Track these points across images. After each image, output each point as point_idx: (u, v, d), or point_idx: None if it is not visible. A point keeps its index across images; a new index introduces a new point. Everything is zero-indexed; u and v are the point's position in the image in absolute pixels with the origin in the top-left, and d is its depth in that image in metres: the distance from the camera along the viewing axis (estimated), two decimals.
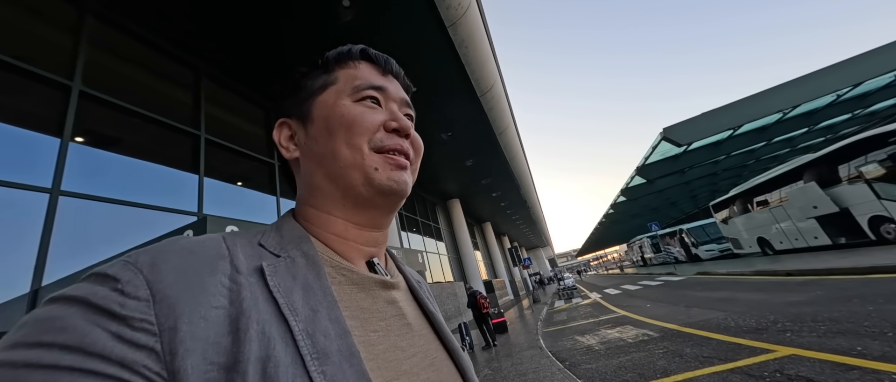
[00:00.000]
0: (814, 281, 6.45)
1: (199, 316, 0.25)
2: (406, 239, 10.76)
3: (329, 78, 0.41)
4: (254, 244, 0.33)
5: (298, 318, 0.28)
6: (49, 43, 3.71)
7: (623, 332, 5.78)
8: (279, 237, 0.35)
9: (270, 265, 0.31)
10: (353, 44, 0.46)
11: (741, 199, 12.67)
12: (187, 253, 0.28)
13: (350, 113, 0.39)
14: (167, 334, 0.24)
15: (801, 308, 4.70)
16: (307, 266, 0.32)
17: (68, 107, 3.56)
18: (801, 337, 3.52)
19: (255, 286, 0.29)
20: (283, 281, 0.30)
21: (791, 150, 16.24)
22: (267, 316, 0.27)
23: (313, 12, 4.90)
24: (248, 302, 0.27)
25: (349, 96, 0.40)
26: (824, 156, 8.56)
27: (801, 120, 12.43)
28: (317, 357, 0.26)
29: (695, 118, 10.75)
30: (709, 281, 10.18)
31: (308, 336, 0.27)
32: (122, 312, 0.23)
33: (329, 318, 0.29)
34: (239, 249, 0.31)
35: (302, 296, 0.30)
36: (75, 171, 3.47)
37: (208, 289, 0.26)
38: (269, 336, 0.26)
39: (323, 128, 0.39)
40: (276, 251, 0.33)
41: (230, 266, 0.29)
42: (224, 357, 0.24)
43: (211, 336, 0.25)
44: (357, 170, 0.37)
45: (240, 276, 0.28)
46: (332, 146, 0.38)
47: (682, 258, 20.32)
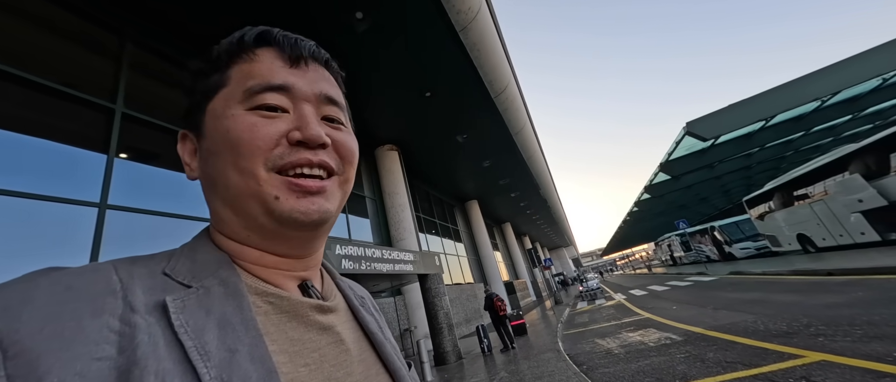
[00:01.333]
0: (857, 281, 6.01)
1: (73, 372, 0.20)
2: (424, 241, 10.91)
3: (221, 78, 0.33)
4: (156, 273, 0.28)
5: (211, 363, 0.23)
6: (94, 70, 4.12)
7: (645, 335, 5.63)
8: (191, 263, 0.29)
9: (177, 300, 0.26)
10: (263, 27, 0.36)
11: (779, 194, 11.89)
12: (61, 290, 0.23)
13: (236, 127, 0.30)
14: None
15: (838, 310, 4.42)
16: (225, 296, 0.28)
17: (112, 127, 3.94)
18: (834, 342, 3.33)
19: (155, 327, 0.24)
20: (192, 318, 0.25)
21: (834, 139, 15.08)
22: (169, 365, 0.22)
23: (330, 26, 5.14)
24: (144, 348, 0.22)
25: (241, 103, 0.31)
26: (870, 145, 7.92)
27: (843, 106, 11.53)
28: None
29: (720, 111, 10.24)
30: (742, 281, 9.67)
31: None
32: None
33: (251, 358, 0.25)
34: (136, 281, 0.26)
35: (217, 335, 0.25)
36: (121, 186, 3.84)
37: (89, 336, 0.21)
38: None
39: (212, 148, 0.32)
40: (186, 281, 0.28)
41: (122, 303, 0.24)
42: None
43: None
44: (253, 198, 0.30)
45: (135, 316, 0.23)
46: (221, 169, 0.31)
47: (714, 257, 19.29)
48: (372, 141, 8.71)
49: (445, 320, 6.63)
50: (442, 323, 6.59)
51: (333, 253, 4.40)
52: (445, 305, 6.73)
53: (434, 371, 6.11)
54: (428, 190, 12.78)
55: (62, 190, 3.36)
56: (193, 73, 0.35)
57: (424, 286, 6.78)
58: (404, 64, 6.31)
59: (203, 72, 0.34)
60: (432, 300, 6.67)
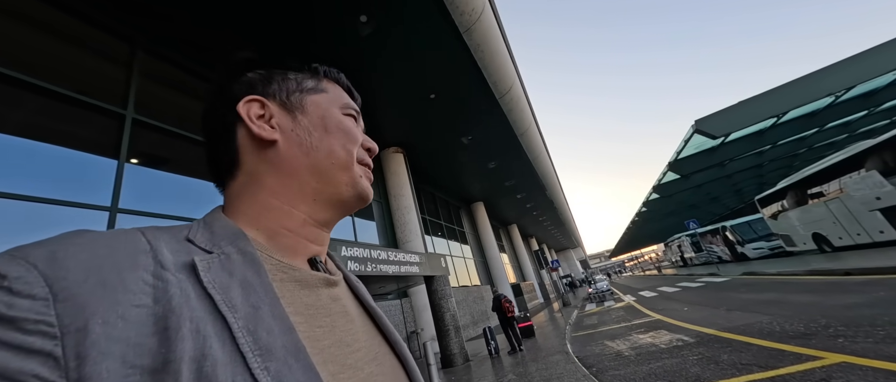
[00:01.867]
0: (877, 280, 5.81)
1: (116, 315, 0.22)
2: (430, 243, 10.89)
3: (319, 84, 0.43)
4: (180, 239, 0.30)
5: (238, 315, 0.26)
6: (105, 76, 4.21)
7: (656, 337, 5.52)
8: (210, 233, 0.32)
9: (203, 260, 0.28)
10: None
11: (792, 192, 11.60)
12: (99, 246, 0.25)
13: (346, 122, 0.42)
14: (73, 336, 0.21)
15: (858, 310, 4.27)
16: (245, 263, 0.30)
17: (123, 133, 4.02)
18: (855, 343, 3.21)
19: (186, 282, 0.26)
20: (218, 277, 0.28)
21: (849, 136, 14.69)
22: (201, 314, 0.25)
23: (335, 30, 5.18)
24: (177, 299, 0.25)
25: (339, 109, 0.43)
26: (888, 141, 7.69)
27: (858, 102, 11.24)
28: (259, 353, 0.25)
29: (730, 108, 10.06)
30: (755, 282, 9.43)
31: (249, 333, 0.26)
32: (9, 314, 0.21)
33: (272, 315, 0.28)
34: (162, 244, 0.28)
35: (241, 293, 0.28)
36: (132, 190, 3.90)
37: (128, 286, 0.24)
38: (204, 334, 0.24)
39: (319, 123, 0.40)
40: (207, 247, 0.31)
41: (153, 261, 0.26)
42: (149, 359, 0.22)
43: (132, 338, 0.22)
44: (346, 172, 0.39)
45: (166, 272, 0.26)
46: (329, 143, 0.39)
47: (726, 257, 18.89)
48: (377, 143, 8.72)
49: (452, 322, 6.59)
50: (448, 325, 6.55)
51: (339, 255, 4.41)
52: (452, 307, 6.69)
53: (441, 373, 6.07)
54: (433, 192, 12.78)
55: (74, 194, 3.43)
56: (292, 68, 0.44)
57: (430, 288, 6.75)
58: (408, 66, 6.33)
59: (301, 72, 0.44)
60: (438, 302, 6.63)
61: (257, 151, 0.38)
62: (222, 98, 0.40)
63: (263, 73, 0.42)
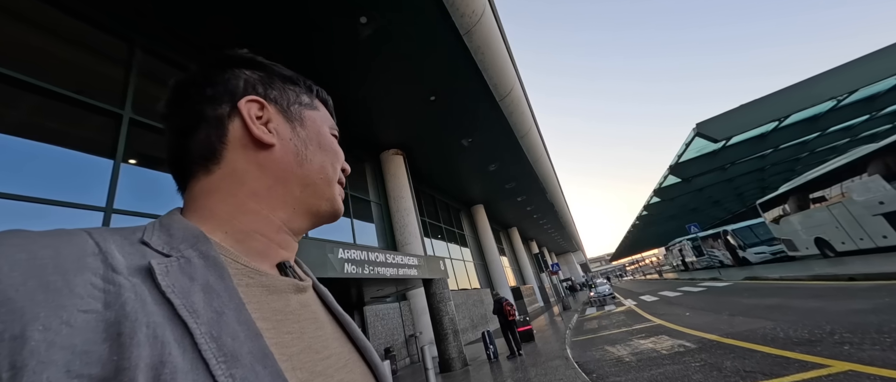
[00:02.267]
0: (882, 286, 5.73)
1: (59, 321, 0.21)
2: (430, 245, 10.83)
3: (313, 102, 0.46)
4: (133, 242, 0.29)
5: (200, 320, 0.25)
6: (103, 76, 4.19)
7: (657, 343, 5.44)
8: (167, 235, 0.31)
9: (161, 264, 0.27)
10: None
11: (794, 196, 11.55)
12: (39, 247, 0.23)
13: (335, 144, 0.45)
14: (8, 345, 0.19)
15: (864, 317, 4.19)
16: (206, 267, 0.29)
17: (120, 133, 3.99)
18: (862, 351, 3.14)
19: (141, 287, 0.25)
20: (177, 281, 0.26)
21: (851, 140, 14.65)
22: (159, 319, 0.24)
23: (334, 30, 5.16)
24: (131, 304, 0.23)
25: (328, 128, 0.45)
26: (891, 145, 7.65)
27: (860, 106, 11.21)
28: (224, 360, 0.24)
29: (732, 111, 10.03)
30: (758, 287, 9.34)
31: (212, 338, 0.24)
32: None
33: (237, 320, 0.27)
34: (112, 246, 0.26)
35: (202, 298, 0.26)
36: (127, 190, 3.87)
37: (74, 290, 0.22)
38: (162, 340, 0.23)
39: (314, 139, 0.42)
40: (165, 250, 0.29)
41: (102, 264, 0.24)
42: (98, 367, 0.20)
43: (78, 345, 0.20)
44: (329, 187, 0.42)
45: (118, 276, 0.24)
46: (321, 160, 0.42)
47: (727, 261, 18.79)
48: (377, 145, 8.71)
49: (451, 326, 6.52)
50: (447, 329, 6.48)
51: (336, 257, 4.35)
52: (450, 310, 6.62)
53: (439, 377, 5.99)
54: (433, 194, 12.73)
55: (69, 194, 3.39)
56: (291, 79, 0.45)
57: (429, 291, 6.69)
58: (407, 67, 6.31)
59: (299, 85, 0.45)
60: (437, 305, 6.56)
61: (247, 151, 0.38)
62: (215, 88, 0.39)
63: (263, 76, 0.42)
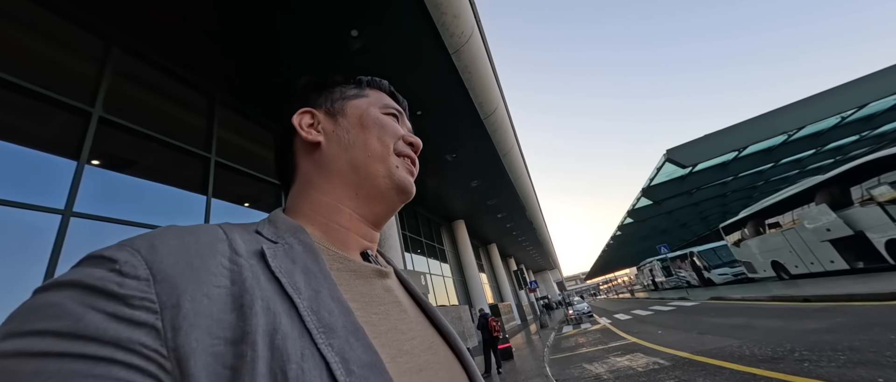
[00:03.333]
0: (834, 307, 6.18)
1: (201, 293, 0.25)
2: (410, 260, 10.67)
3: (361, 91, 0.48)
4: (250, 231, 0.34)
5: (302, 297, 0.29)
6: (74, 72, 3.95)
7: (633, 360, 5.55)
8: (274, 228, 0.36)
9: (270, 249, 0.32)
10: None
11: (752, 221, 12.39)
12: (186, 236, 0.29)
13: (382, 117, 0.46)
14: (169, 311, 0.24)
15: (819, 336, 4.49)
16: (305, 252, 0.33)
17: (87, 132, 3.74)
18: (820, 367, 3.35)
19: (256, 267, 0.29)
20: (283, 263, 0.31)
21: (801, 172, 16.02)
22: (270, 294, 0.28)
23: (326, 42, 5.16)
24: (250, 281, 0.28)
25: (379, 109, 0.47)
26: (833, 178, 8.43)
27: (807, 141, 12.35)
28: (323, 331, 0.27)
29: (698, 139, 10.76)
30: (723, 306, 9.80)
31: (313, 312, 0.28)
32: (120, 291, 0.24)
33: (332, 298, 0.30)
34: (236, 235, 0.32)
35: (303, 278, 0.31)
36: (89, 193, 3.59)
37: (210, 269, 0.27)
38: (274, 311, 0.27)
39: (356, 122, 0.44)
40: (273, 238, 0.34)
41: (229, 249, 0.30)
42: (230, 331, 0.25)
43: (215, 313, 0.25)
44: (382, 163, 0.42)
45: (240, 258, 0.29)
46: (365, 137, 0.43)
47: (694, 282, 19.67)
48: None
49: None
50: None
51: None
52: None
53: None
54: (415, 208, 12.66)
55: (24, 195, 3.11)
56: (337, 81, 0.49)
57: None
58: (396, 82, 6.32)
59: (342, 84, 0.48)
60: None
61: (307, 155, 0.43)
62: (285, 116, 0.45)
63: (317, 84, 0.48)
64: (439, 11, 5.16)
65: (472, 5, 6.17)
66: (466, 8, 5.76)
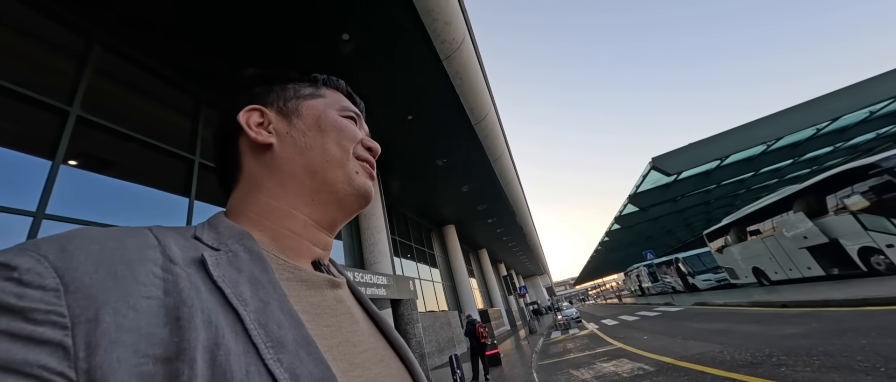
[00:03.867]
0: (810, 312, 6.37)
1: (127, 305, 0.23)
2: (399, 265, 10.59)
3: (317, 91, 0.45)
4: (187, 237, 0.31)
5: (248, 308, 0.27)
6: (53, 70, 3.83)
7: (618, 366, 5.61)
8: (215, 233, 0.33)
9: (212, 256, 0.29)
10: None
11: (734, 228, 12.74)
12: (108, 241, 0.26)
13: (341, 121, 0.44)
14: (84, 326, 0.21)
15: (796, 341, 4.62)
16: (252, 260, 0.31)
17: (64, 131, 3.62)
18: (796, 372, 3.44)
19: (195, 276, 0.27)
20: (227, 272, 0.28)
21: (779, 181, 16.59)
22: (212, 306, 0.25)
23: (316, 46, 5.14)
24: (187, 291, 0.25)
25: (337, 111, 0.44)
26: (809, 188, 8.75)
27: (785, 151, 12.81)
28: (271, 345, 0.25)
29: (683, 148, 11.05)
30: (707, 311, 10.01)
31: (260, 325, 0.26)
32: (18, 304, 0.21)
33: (281, 309, 0.28)
34: (170, 240, 0.29)
35: (249, 288, 0.28)
36: (64, 195, 3.47)
37: (138, 278, 0.24)
38: (216, 324, 0.24)
39: (313, 124, 0.41)
40: (214, 245, 0.31)
41: (162, 256, 0.27)
42: (161, 348, 0.22)
43: (143, 327, 0.22)
44: (341, 168, 0.40)
45: (175, 267, 0.27)
46: (323, 142, 0.41)
47: (679, 287, 20.05)
48: None
49: (418, 348, 6.31)
50: (414, 352, 6.26)
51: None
52: (418, 333, 6.44)
53: None
54: (405, 212, 12.60)
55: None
56: (290, 77, 0.46)
57: (397, 312, 6.49)
58: (388, 87, 6.37)
59: (296, 81, 0.46)
60: (404, 327, 6.36)
61: (256, 156, 0.40)
62: (228, 111, 0.42)
63: (267, 87, 0.44)
64: (431, 18, 5.20)
65: (464, 12, 6.24)
66: (458, 15, 5.82)
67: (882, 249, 7.23)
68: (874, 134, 12.73)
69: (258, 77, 0.45)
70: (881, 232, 7.10)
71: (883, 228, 7.02)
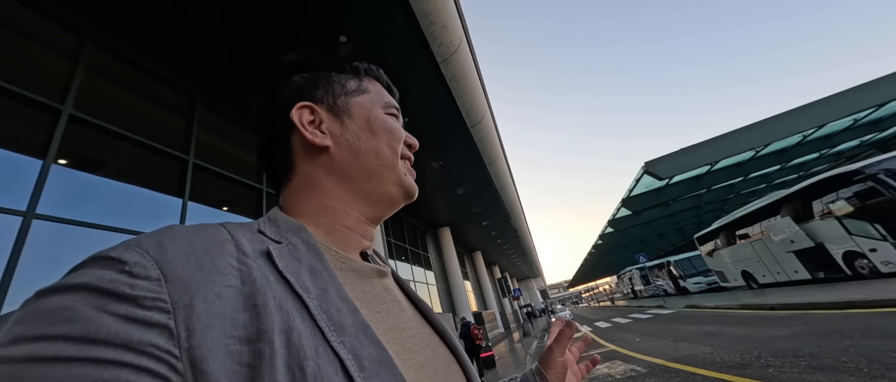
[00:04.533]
0: (796, 315, 6.52)
1: (213, 293, 0.25)
2: (394, 267, 10.51)
3: (361, 85, 0.46)
4: (253, 231, 0.34)
5: (311, 296, 0.29)
6: (45, 68, 3.78)
7: (611, 367, 5.66)
8: (275, 227, 0.35)
9: (276, 249, 0.32)
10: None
11: (724, 232, 12.96)
12: (192, 236, 0.28)
13: (389, 121, 0.45)
14: (183, 311, 0.24)
15: (783, 342, 4.73)
16: (309, 252, 0.33)
17: (56, 130, 3.57)
18: (783, 373, 3.52)
19: (264, 267, 0.29)
20: (289, 263, 0.31)
21: (767, 186, 16.94)
22: (281, 294, 0.28)
23: (314, 49, 5.14)
24: (260, 281, 0.28)
25: (382, 108, 0.45)
26: (796, 193, 8.96)
27: (773, 157, 13.10)
28: (334, 329, 0.28)
29: (675, 153, 11.23)
30: (697, 314, 10.15)
31: (323, 311, 0.29)
32: (131, 293, 0.23)
33: (339, 296, 0.31)
34: (241, 235, 0.32)
35: (310, 278, 0.31)
36: (55, 194, 3.42)
37: (220, 269, 0.27)
38: (286, 310, 0.27)
39: (365, 127, 0.42)
40: (276, 238, 0.34)
41: (236, 249, 0.30)
42: (244, 330, 0.25)
43: (228, 313, 0.25)
44: (393, 171, 0.42)
45: (248, 258, 0.29)
46: (376, 145, 0.42)
47: (670, 290, 20.29)
48: None
49: None
50: None
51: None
52: None
53: None
54: (401, 214, 12.58)
55: None
56: (335, 69, 0.46)
57: None
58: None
59: (340, 70, 0.46)
60: None
61: (310, 156, 0.41)
62: (274, 104, 0.43)
63: (309, 77, 0.44)
64: (428, 21, 5.25)
65: (461, 17, 6.30)
66: (455, 19, 5.87)
67: (865, 253, 7.43)
68: (858, 141, 13.10)
69: (299, 64, 0.45)
70: (865, 236, 7.30)
71: (866, 233, 7.22)
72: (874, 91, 9.97)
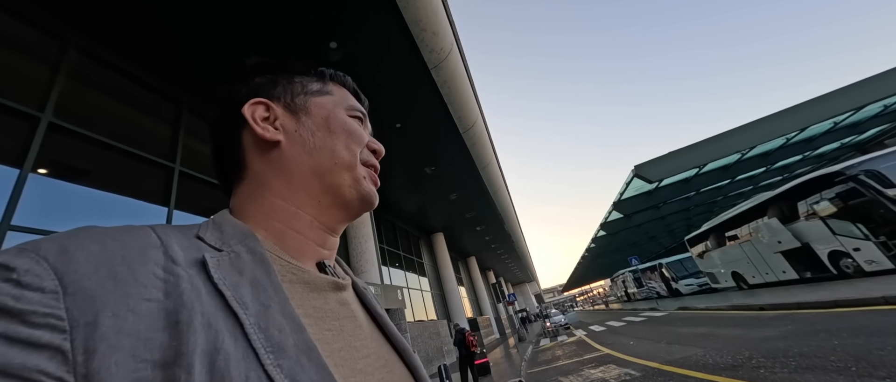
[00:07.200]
0: (785, 315, 6.61)
1: (126, 308, 0.22)
2: (387, 274, 10.45)
3: (325, 87, 0.44)
4: (190, 237, 0.30)
5: (248, 312, 0.26)
6: (23, 74, 3.68)
7: (606, 371, 5.65)
8: (219, 232, 0.32)
9: (213, 258, 0.28)
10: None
11: (713, 234, 13.16)
12: (109, 240, 0.25)
13: (351, 123, 0.42)
14: (83, 330, 0.20)
15: (773, 343, 4.77)
16: (254, 262, 0.30)
17: (34, 138, 3.46)
18: (774, 374, 3.55)
19: (196, 278, 0.26)
20: (228, 275, 0.28)
21: (754, 188, 17.30)
22: (212, 310, 0.25)
23: (304, 55, 5.11)
24: (188, 294, 0.24)
25: (344, 110, 0.43)
26: (781, 195, 9.16)
27: (758, 160, 13.40)
28: (271, 351, 0.25)
29: (663, 156, 11.42)
30: (690, 316, 10.24)
31: (260, 330, 0.25)
32: (16, 307, 0.20)
33: (282, 314, 0.28)
34: (173, 240, 0.28)
35: (251, 291, 0.28)
36: (32, 205, 3.30)
37: (139, 280, 0.24)
38: (216, 329, 0.24)
39: (323, 125, 0.40)
40: (217, 245, 0.30)
41: (164, 256, 0.26)
42: (159, 353, 0.22)
43: (142, 331, 0.22)
44: (349, 172, 0.40)
45: (177, 268, 0.26)
46: (333, 143, 0.40)
47: (663, 293, 20.46)
48: None
49: None
50: None
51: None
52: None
53: None
54: (394, 220, 12.51)
55: None
56: (297, 70, 0.44)
57: None
58: (375, 94, 6.38)
59: (307, 75, 0.45)
60: None
61: (262, 153, 0.39)
62: (229, 102, 0.40)
63: (270, 77, 0.42)
64: (419, 28, 5.27)
65: (451, 23, 6.34)
66: (445, 25, 5.91)
67: (850, 253, 7.60)
68: (838, 143, 13.50)
69: (262, 66, 0.43)
70: (848, 236, 7.47)
71: (850, 233, 7.39)
72: (852, 95, 10.31)
